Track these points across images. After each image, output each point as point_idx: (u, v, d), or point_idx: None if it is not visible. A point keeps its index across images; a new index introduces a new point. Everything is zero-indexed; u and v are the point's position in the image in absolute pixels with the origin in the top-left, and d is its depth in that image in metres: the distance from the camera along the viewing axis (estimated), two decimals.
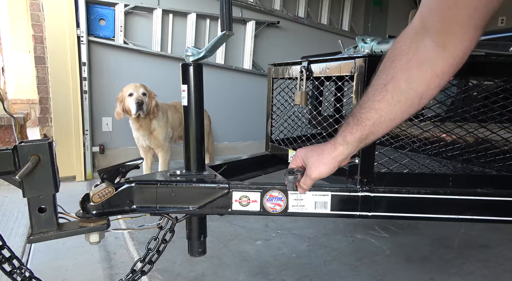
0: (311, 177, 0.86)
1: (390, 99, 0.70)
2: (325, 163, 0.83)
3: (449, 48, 0.61)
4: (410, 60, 0.66)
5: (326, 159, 0.83)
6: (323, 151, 0.84)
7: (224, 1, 0.99)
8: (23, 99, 4.64)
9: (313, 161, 0.85)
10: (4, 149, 0.86)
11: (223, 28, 1.00)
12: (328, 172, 0.84)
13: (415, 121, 1.37)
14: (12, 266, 0.92)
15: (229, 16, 1.00)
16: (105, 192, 0.92)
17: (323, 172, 0.84)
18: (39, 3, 3.28)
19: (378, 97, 0.71)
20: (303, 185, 0.90)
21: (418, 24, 0.65)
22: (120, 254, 1.74)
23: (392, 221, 2.10)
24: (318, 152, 0.85)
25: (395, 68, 0.69)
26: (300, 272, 1.59)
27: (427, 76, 0.66)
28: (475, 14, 0.55)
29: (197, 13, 3.46)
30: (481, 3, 0.55)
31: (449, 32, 0.60)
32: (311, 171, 0.85)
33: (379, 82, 0.71)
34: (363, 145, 0.79)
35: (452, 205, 1.03)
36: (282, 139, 1.61)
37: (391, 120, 0.73)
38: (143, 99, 2.48)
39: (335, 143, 0.81)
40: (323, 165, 0.83)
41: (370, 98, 0.73)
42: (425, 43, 0.64)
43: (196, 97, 1.11)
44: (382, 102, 0.71)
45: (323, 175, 0.84)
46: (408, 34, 0.67)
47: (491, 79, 1.22)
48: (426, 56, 0.64)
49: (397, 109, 0.71)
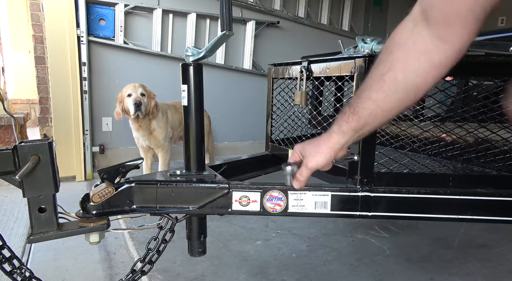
0: (308, 167, 0.86)
1: (387, 90, 0.71)
2: (322, 152, 0.84)
3: (449, 40, 0.62)
4: (408, 51, 0.67)
5: (322, 148, 0.84)
6: (319, 141, 0.85)
7: (224, 1, 0.99)
8: (23, 99, 4.64)
9: (310, 151, 0.86)
10: (4, 149, 0.86)
11: (223, 28, 1.00)
12: (324, 161, 0.84)
13: (415, 121, 1.37)
14: (12, 266, 0.92)
15: (229, 16, 1.00)
16: (105, 192, 0.92)
17: (320, 161, 0.84)
18: (39, 3, 3.28)
19: (375, 88, 0.72)
20: (300, 177, 0.90)
21: (418, 16, 0.65)
22: (120, 254, 1.74)
23: (392, 221, 2.10)
24: (314, 143, 0.86)
25: (392, 59, 0.69)
26: (300, 272, 1.59)
27: (425, 68, 0.66)
28: (475, 7, 0.56)
29: (197, 13, 3.46)
30: (480, 0, 0.56)
31: (450, 24, 0.60)
32: (308, 160, 0.86)
33: (376, 73, 0.72)
34: (358, 135, 0.80)
35: (452, 205, 1.03)
36: (282, 139, 1.61)
37: (387, 112, 0.74)
38: (141, 99, 2.47)
39: (330, 132, 0.82)
40: (320, 154, 0.84)
41: (367, 88, 0.74)
42: (424, 35, 0.64)
43: (196, 97, 1.11)
44: (379, 93, 0.72)
45: (319, 164, 0.85)
46: (407, 26, 0.68)
47: (491, 79, 1.22)
48: (425, 48, 0.65)
49: (394, 100, 0.72)
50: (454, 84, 1.40)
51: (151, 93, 2.59)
